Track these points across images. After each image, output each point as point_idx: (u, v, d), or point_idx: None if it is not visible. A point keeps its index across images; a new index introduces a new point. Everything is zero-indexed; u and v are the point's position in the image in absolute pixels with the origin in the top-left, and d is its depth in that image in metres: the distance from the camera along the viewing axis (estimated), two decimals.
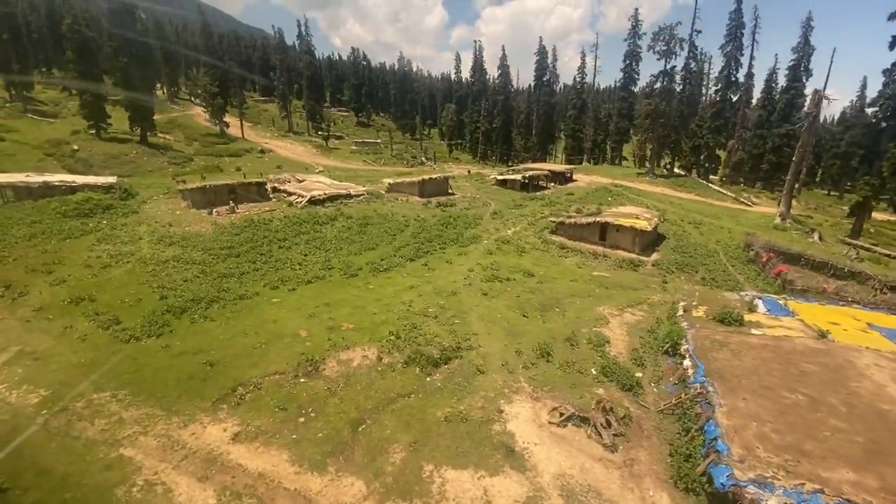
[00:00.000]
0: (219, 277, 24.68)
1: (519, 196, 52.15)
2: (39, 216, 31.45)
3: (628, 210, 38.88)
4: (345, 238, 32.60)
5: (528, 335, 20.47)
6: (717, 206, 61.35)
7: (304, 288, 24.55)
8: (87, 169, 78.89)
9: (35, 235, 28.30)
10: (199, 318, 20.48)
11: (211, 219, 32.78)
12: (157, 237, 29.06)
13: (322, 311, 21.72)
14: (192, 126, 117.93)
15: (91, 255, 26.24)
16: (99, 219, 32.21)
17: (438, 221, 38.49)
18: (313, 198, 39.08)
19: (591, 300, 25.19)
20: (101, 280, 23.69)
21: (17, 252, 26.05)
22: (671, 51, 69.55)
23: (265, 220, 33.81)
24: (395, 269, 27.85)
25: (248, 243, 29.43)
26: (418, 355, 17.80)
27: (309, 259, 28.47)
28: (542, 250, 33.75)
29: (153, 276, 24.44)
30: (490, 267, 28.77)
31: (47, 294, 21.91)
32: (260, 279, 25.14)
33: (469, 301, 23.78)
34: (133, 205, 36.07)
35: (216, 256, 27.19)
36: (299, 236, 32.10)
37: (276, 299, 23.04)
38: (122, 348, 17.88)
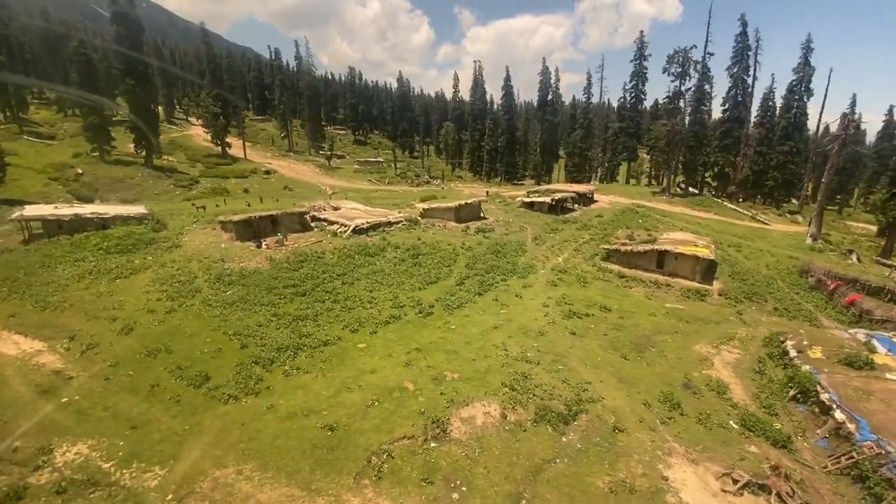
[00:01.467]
0: (293, 320, 23.24)
1: (550, 219, 51.49)
2: (81, 253, 29.73)
3: (682, 236, 38.39)
4: (402, 271, 31.37)
5: (642, 382, 19.45)
6: (739, 226, 61.53)
7: (384, 330, 23.22)
8: (93, 193, 76.81)
9: (83, 276, 26.60)
10: (292, 371, 19.04)
11: (266, 253, 31.30)
12: (213, 275, 27.49)
13: (416, 358, 20.43)
14: (192, 147, 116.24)
15: (150, 298, 24.62)
16: (143, 254, 30.54)
17: (487, 250, 37.49)
18: (357, 227, 37.84)
19: (681, 337, 24.33)
20: (169, 327, 22.10)
21: (71, 295, 24.36)
22: (685, 72, 70.56)
23: (317, 253, 32.43)
24: (468, 306, 26.67)
25: (311, 280, 28.03)
26: (545, 411, 16.63)
27: (375, 296, 27.16)
28: (604, 280, 32.92)
29: (223, 320, 22.92)
30: (563, 301, 27.78)
31: (118, 345, 20.29)
32: (335, 321, 23.77)
33: (561, 342, 22.71)
34: (171, 237, 34.45)
35: (282, 296, 25.74)
36: (356, 269, 30.79)
37: (362, 344, 21.69)
38: (224, 410, 16.37)
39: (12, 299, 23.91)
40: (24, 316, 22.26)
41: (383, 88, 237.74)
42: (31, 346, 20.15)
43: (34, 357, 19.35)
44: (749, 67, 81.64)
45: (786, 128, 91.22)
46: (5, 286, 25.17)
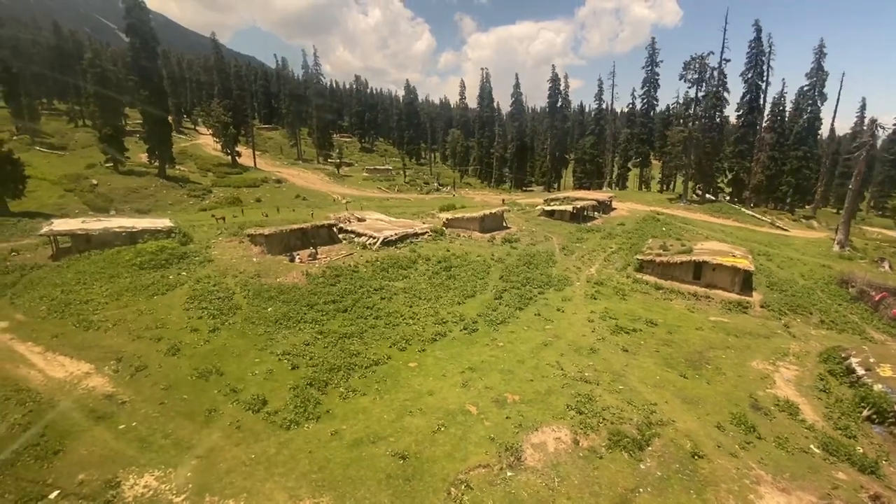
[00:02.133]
0: (339, 338, 22.74)
1: (573, 228, 51.01)
2: (115, 269, 29.34)
3: (718, 247, 37.84)
4: (438, 284, 30.88)
5: (707, 402, 18.89)
6: (761, 233, 60.91)
7: (432, 348, 22.72)
8: (108, 204, 76.94)
9: (121, 293, 26.19)
10: (348, 393, 18.53)
11: (301, 268, 30.85)
12: (252, 291, 27.04)
13: (471, 378, 19.91)
14: (202, 156, 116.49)
15: (192, 316, 24.18)
16: (177, 270, 30.13)
17: (518, 261, 37.00)
18: (386, 239, 37.42)
19: (734, 353, 23.76)
20: (215, 347, 21.64)
21: (112, 314, 23.94)
22: (702, 79, 70.29)
23: (351, 267, 31.97)
24: (511, 321, 26.16)
25: (350, 295, 27.55)
26: (617, 436, 16.08)
27: (416, 311, 26.67)
28: (642, 292, 32.37)
29: (269, 339, 22.45)
30: (607, 315, 27.25)
31: (168, 367, 19.82)
32: (381, 338, 23.27)
33: (615, 360, 22.17)
34: (201, 251, 34.06)
35: (324, 313, 25.25)
36: (391, 283, 30.32)
37: (413, 363, 21.18)
38: (287, 437, 15.86)
39: (52, 318, 23.50)
40: (67, 336, 21.84)
41: (388, 96, 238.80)
42: (77, 367, 19.70)
43: (83, 380, 18.90)
44: (763, 73, 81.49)
45: (800, 132, 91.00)
46: (44, 304, 24.78)
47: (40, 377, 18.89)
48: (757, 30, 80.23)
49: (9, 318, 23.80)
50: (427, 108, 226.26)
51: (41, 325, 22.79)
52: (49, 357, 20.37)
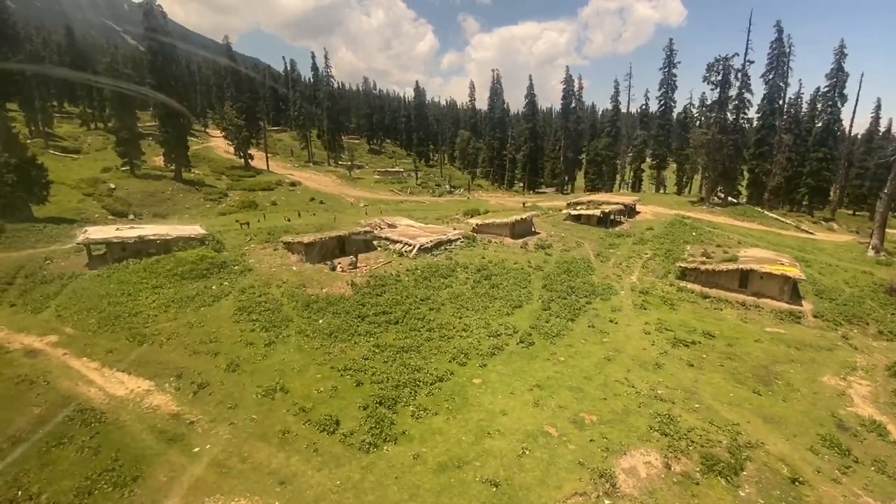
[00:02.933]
0: (397, 353, 22.21)
1: (602, 233, 50.34)
2: (157, 279, 28.87)
3: (762, 254, 37.15)
4: (482, 294, 30.31)
5: (789, 422, 18.27)
6: (788, 237, 60.14)
7: (492, 363, 22.15)
8: (126, 208, 76.72)
9: (168, 305, 25.73)
10: (419, 412, 17.97)
11: (345, 277, 30.32)
12: (300, 303, 26.52)
13: (542, 397, 19.34)
14: (215, 159, 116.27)
15: (244, 329, 23.68)
16: (218, 279, 29.66)
17: (556, 269, 36.39)
18: (422, 246, 36.88)
19: (801, 367, 23.12)
20: (274, 362, 21.12)
21: (163, 327, 23.47)
22: (726, 81, 69.55)
23: (393, 276, 31.45)
24: (566, 334, 25.57)
25: (398, 306, 27.00)
26: (710, 460, 15.49)
27: (467, 323, 26.11)
28: (690, 301, 31.72)
29: (326, 353, 21.92)
30: (662, 327, 26.66)
31: (230, 384, 19.30)
32: (438, 352, 22.72)
33: (682, 375, 21.57)
34: (238, 259, 33.60)
35: (376, 325, 24.72)
36: (436, 293, 29.77)
37: (477, 380, 20.62)
38: (369, 461, 15.31)
39: (104, 332, 23.02)
40: (122, 351, 21.35)
41: (395, 97, 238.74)
42: (137, 385, 19.22)
43: (145, 398, 18.40)
44: (785, 74, 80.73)
45: (819, 134, 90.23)
46: (93, 317, 24.31)
47: (101, 395, 18.41)
48: (778, 30, 79.48)
49: (58, 331, 23.36)
50: (434, 110, 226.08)
51: (93, 340, 22.32)
52: (106, 373, 19.89)
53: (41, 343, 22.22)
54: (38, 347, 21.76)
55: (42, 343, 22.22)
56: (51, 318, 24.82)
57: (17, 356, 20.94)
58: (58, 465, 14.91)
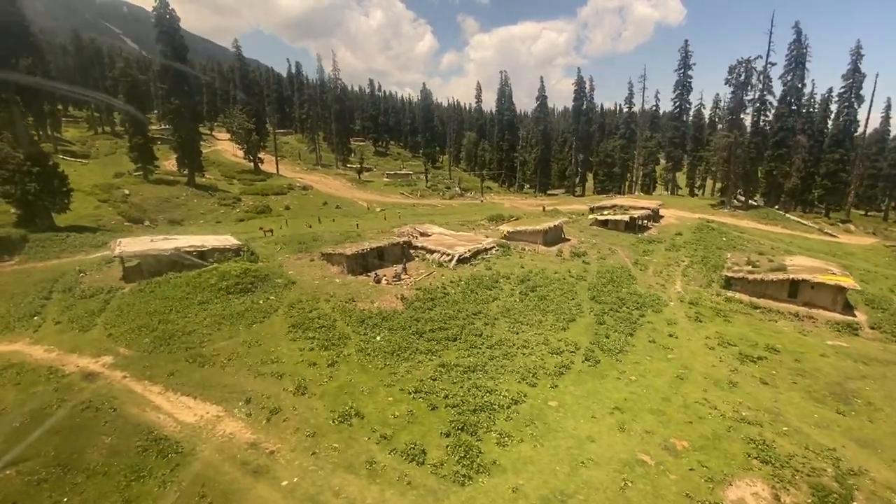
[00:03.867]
0: (463, 373, 21.58)
1: (632, 238, 49.75)
2: (202, 294, 28.19)
3: (810, 262, 36.54)
4: (532, 307, 29.69)
5: (885, 446, 17.70)
6: (814, 241, 59.59)
7: (563, 383, 21.53)
8: (142, 214, 76.12)
9: (220, 322, 25.07)
10: (503, 439, 17.34)
11: (392, 290, 29.68)
12: (353, 319, 25.88)
13: (625, 421, 18.74)
14: (224, 162, 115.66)
15: (302, 348, 23.02)
16: (264, 294, 28.98)
17: (598, 279, 35.77)
18: (461, 256, 36.26)
19: (875, 384, 22.55)
20: (341, 384, 20.47)
21: (220, 347, 22.81)
22: (748, 83, 69.06)
23: (439, 288, 30.82)
24: (630, 351, 24.98)
25: (452, 321, 26.39)
26: (821, 491, 14.89)
27: (526, 339, 25.49)
28: (742, 313, 31.14)
29: (392, 373, 21.29)
30: (724, 341, 26.11)
31: (302, 409, 18.65)
32: (504, 371, 22.10)
33: (760, 395, 20.98)
34: (280, 271, 32.94)
35: (435, 342, 24.10)
36: (485, 306, 29.15)
37: (553, 402, 20.00)
38: (468, 495, 14.68)
39: (160, 352, 22.36)
40: (183, 373, 20.69)
41: (399, 99, 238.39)
42: (205, 410, 18.56)
43: (216, 425, 17.75)
44: (803, 76, 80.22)
45: (836, 135, 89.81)
46: (145, 336, 23.64)
47: (171, 422, 17.76)
48: (797, 32, 78.95)
49: (111, 351, 22.69)
50: (437, 111, 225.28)
51: (151, 361, 21.65)
52: (171, 398, 19.23)
53: (97, 365, 21.56)
54: (96, 370, 21.09)
55: (98, 365, 21.55)
56: (101, 337, 24.14)
57: (75, 380, 20.27)
58: (142, 502, 14.27)
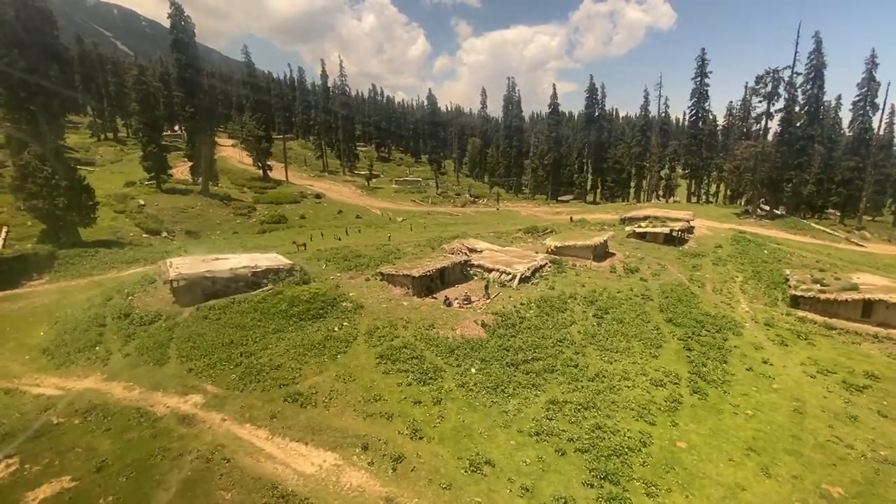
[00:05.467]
0: (576, 410, 20.54)
1: (675, 252, 49.06)
2: (274, 321, 26.94)
3: (880, 281, 35.97)
4: (613, 332, 28.71)
5: None
6: (845, 251, 59.46)
7: (681, 420, 20.58)
8: (159, 225, 74.59)
9: (303, 354, 23.79)
10: (650, 488, 16.32)
11: (470, 315, 28.56)
12: (440, 348, 24.72)
13: (766, 464, 17.83)
14: (233, 170, 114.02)
15: (400, 382, 21.81)
16: (337, 319, 27.72)
17: (664, 298, 34.91)
18: (522, 275, 35.27)
19: None
20: (455, 425, 19.31)
21: (315, 383, 21.54)
22: (775, 92, 69.08)
23: (513, 312, 29.77)
24: (731, 380, 24.12)
25: (541, 350, 25.35)
26: None
27: (621, 369, 24.50)
28: (821, 335, 30.44)
29: (504, 413, 20.15)
30: (822, 368, 25.35)
31: (426, 456, 17.47)
32: (615, 408, 21.07)
33: (885, 429, 20.25)
34: (344, 294, 31.66)
35: (534, 373, 23.06)
36: (565, 332, 28.15)
37: (681, 443, 19.03)
38: None
39: (252, 390, 21.04)
40: (286, 416, 19.40)
41: (398, 103, 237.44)
42: (321, 458, 17.31)
43: (339, 476, 16.52)
44: (823, 85, 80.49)
45: (851, 143, 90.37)
46: (231, 372, 22.30)
47: (291, 474, 16.50)
48: (817, 42, 79.12)
49: (198, 388, 21.34)
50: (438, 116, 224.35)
51: (246, 400, 20.33)
52: (281, 444, 17.95)
53: (187, 405, 20.20)
54: (188, 411, 19.73)
55: (189, 405, 20.20)
56: (180, 371, 22.75)
57: (171, 424, 18.92)
58: None
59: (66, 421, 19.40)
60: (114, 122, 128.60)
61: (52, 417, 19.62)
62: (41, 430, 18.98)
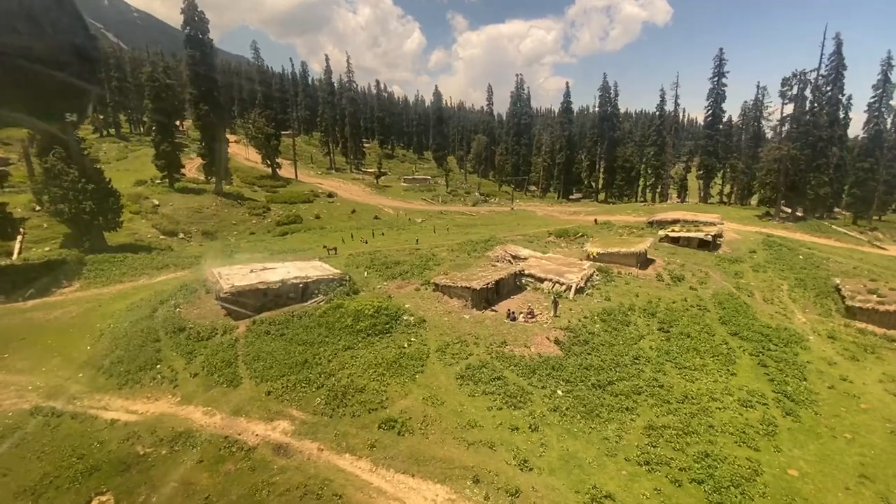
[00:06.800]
0: (678, 435, 19.95)
1: (712, 258, 48.68)
2: (341, 337, 26.08)
3: None
4: (684, 347, 28.06)
5: None
6: (872, 254, 59.45)
7: (782, 445, 20.05)
8: (175, 226, 73.34)
9: (383, 374, 23.00)
10: None
11: (538, 330, 27.85)
12: (519, 367, 23.99)
13: (883, 492, 17.42)
14: (240, 168, 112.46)
15: (489, 406, 21.10)
16: (403, 335, 26.93)
17: (721, 309, 34.38)
18: (577, 286, 34.63)
19: None
20: (561, 454, 18.65)
21: (407, 408, 20.75)
22: (801, 95, 68.84)
23: (579, 326, 29.11)
24: (818, 399, 23.69)
25: (619, 368, 24.75)
26: None
27: (706, 388, 23.89)
28: (888, 348, 30.13)
29: (605, 440, 19.53)
30: None
31: (543, 490, 16.78)
32: (714, 432, 20.51)
33: None
34: (400, 305, 30.85)
35: (624, 395, 22.43)
36: (637, 348, 27.56)
37: (792, 471, 18.53)
38: None
39: (342, 415, 20.21)
40: (385, 444, 18.61)
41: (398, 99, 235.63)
42: (433, 493, 16.58)
43: None
44: (843, 87, 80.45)
45: (866, 144, 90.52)
46: (314, 395, 21.44)
47: None
48: (837, 44, 78.96)
49: (282, 413, 20.49)
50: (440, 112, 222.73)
51: (338, 427, 19.50)
52: (387, 476, 17.20)
53: (276, 433, 19.37)
54: (280, 440, 18.91)
55: (277, 433, 19.36)
56: (258, 394, 21.86)
57: (266, 455, 18.08)
58: None
59: (152, 451, 18.50)
60: (116, 118, 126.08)
61: (138, 447, 18.71)
62: (127, 461, 18.09)
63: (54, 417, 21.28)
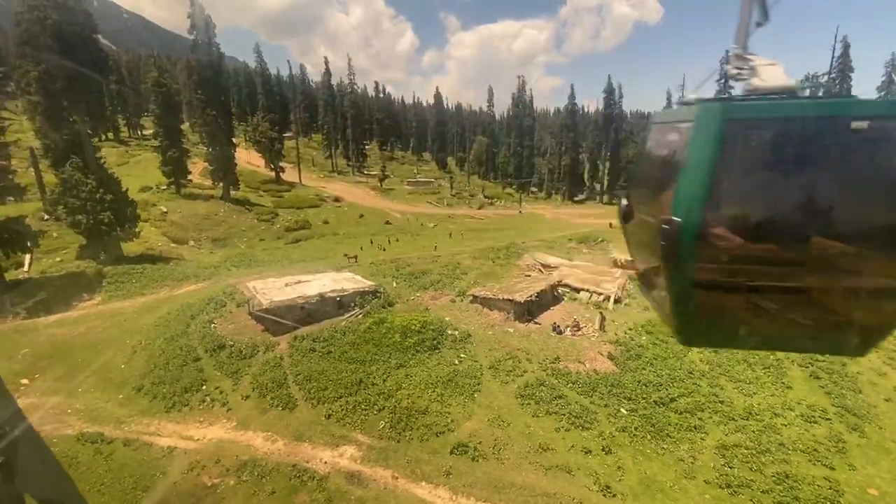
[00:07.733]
0: (751, 455, 19.65)
1: None
2: (393, 355, 25.49)
3: None
4: (733, 359, 27.72)
5: None
6: None
7: (857, 463, 19.81)
8: (185, 234, 72.26)
9: (442, 395, 22.48)
10: None
11: (589, 345, 27.49)
12: (577, 384, 23.55)
13: None
14: (243, 172, 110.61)
15: (557, 427, 20.66)
16: (452, 351, 26.45)
17: None
18: (616, 296, 34.35)
19: None
20: (639, 478, 18.28)
21: (473, 431, 20.27)
22: None
23: (626, 340, 28.78)
24: (880, 414, 23.50)
25: (675, 382, 24.38)
26: None
27: (767, 404, 23.62)
28: None
29: (680, 462, 19.19)
30: None
31: None
32: (781, 449, 20.27)
33: None
34: (435, 317, 30.35)
35: (688, 413, 22.10)
36: (687, 361, 27.23)
37: (871, 490, 18.30)
38: None
39: (409, 440, 19.68)
40: (461, 471, 18.07)
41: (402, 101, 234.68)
42: None
43: None
44: (850, 89, 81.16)
45: None
46: (378, 417, 20.87)
47: None
48: (844, 46, 79.71)
49: (347, 438, 19.91)
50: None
51: (408, 453, 18.96)
52: None
53: (344, 459, 18.80)
54: (350, 467, 18.35)
55: (346, 459, 18.80)
56: (316, 417, 21.25)
57: (341, 484, 17.52)
58: None
59: (220, 482, 17.85)
60: (115, 122, 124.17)
61: (204, 478, 18.06)
62: (196, 493, 17.44)
63: (105, 444, 20.50)
